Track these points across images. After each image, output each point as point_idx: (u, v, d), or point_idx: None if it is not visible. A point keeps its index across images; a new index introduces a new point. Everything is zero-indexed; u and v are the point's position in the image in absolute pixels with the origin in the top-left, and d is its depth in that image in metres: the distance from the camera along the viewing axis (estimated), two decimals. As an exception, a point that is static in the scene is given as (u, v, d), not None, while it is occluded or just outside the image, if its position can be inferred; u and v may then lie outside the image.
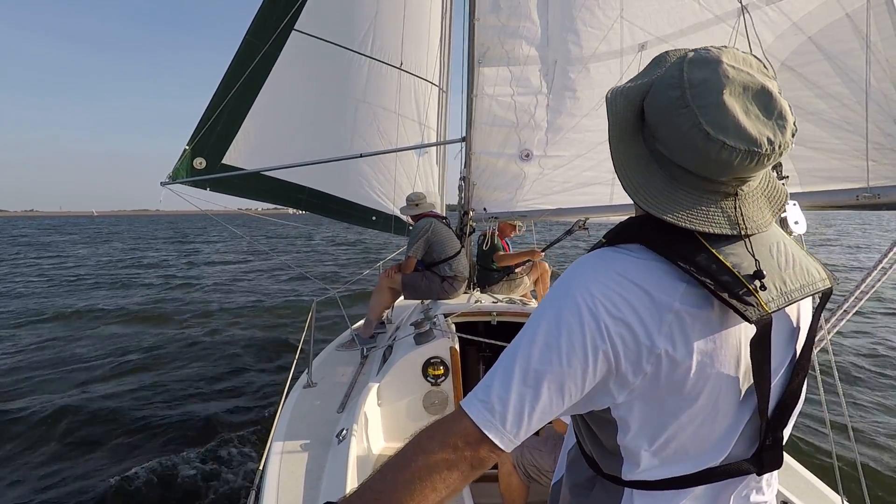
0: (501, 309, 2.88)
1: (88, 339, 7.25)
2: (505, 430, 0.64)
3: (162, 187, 3.74)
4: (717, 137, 0.60)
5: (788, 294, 0.67)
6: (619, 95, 0.70)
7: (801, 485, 1.76)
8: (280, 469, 1.92)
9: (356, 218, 4.73)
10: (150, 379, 5.42)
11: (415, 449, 0.67)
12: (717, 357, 0.65)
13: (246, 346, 6.76)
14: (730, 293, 0.63)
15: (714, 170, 0.64)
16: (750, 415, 0.70)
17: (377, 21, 4.39)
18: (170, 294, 11.19)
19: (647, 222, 0.70)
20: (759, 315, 0.63)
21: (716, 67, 0.62)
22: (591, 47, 2.89)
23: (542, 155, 3.40)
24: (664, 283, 0.65)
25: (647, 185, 0.69)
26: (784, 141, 0.62)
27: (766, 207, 0.70)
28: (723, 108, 0.60)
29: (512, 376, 0.65)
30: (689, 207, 0.66)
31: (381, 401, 2.33)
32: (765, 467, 0.71)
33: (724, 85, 0.61)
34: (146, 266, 16.99)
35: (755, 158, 0.61)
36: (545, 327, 0.65)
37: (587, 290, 0.65)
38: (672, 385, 0.65)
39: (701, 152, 0.62)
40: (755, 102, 0.62)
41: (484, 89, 3.41)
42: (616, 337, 0.63)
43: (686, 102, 0.62)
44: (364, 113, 4.55)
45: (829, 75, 2.14)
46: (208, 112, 3.72)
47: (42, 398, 4.88)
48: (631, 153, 0.71)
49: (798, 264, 0.71)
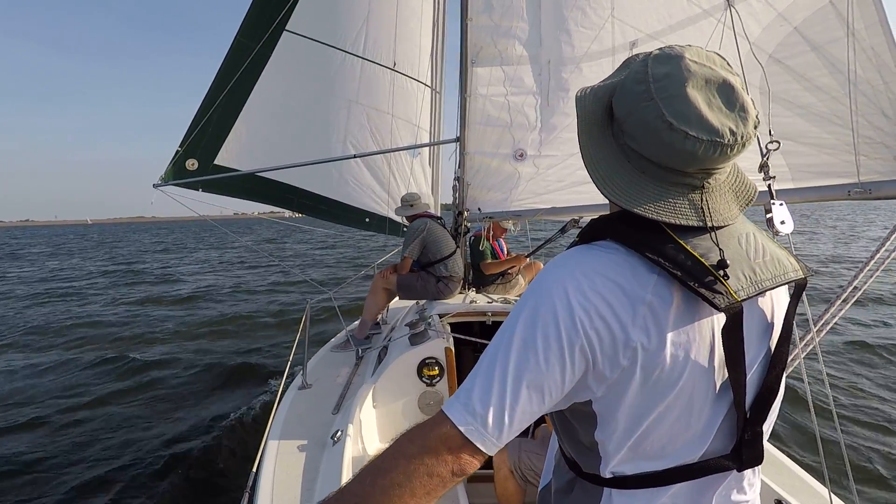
0: (496, 309, 2.88)
1: (84, 340, 7.19)
2: (486, 432, 0.64)
3: (155, 189, 3.72)
4: (679, 128, 0.62)
5: (759, 283, 0.68)
6: (589, 94, 0.73)
7: (796, 483, 1.77)
8: (274, 471, 1.91)
9: (349, 220, 4.72)
10: (143, 381, 5.38)
11: (395, 453, 0.66)
12: (691, 348, 0.66)
13: (240, 347, 6.73)
14: (698, 282, 0.64)
15: (679, 161, 0.65)
16: (727, 409, 0.70)
17: (369, 21, 4.37)
18: (167, 294, 11.11)
19: (618, 218, 0.71)
20: (727, 303, 0.64)
21: (678, 62, 0.65)
22: (583, 47, 2.90)
23: (537, 154, 3.41)
24: (636, 276, 0.65)
25: (615, 177, 0.70)
26: (746, 132, 0.64)
27: (734, 201, 0.72)
28: (686, 100, 0.63)
29: (492, 378, 0.65)
30: (656, 199, 0.68)
31: (377, 402, 2.32)
32: (744, 463, 0.71)
33: (686, 78, 0.64)
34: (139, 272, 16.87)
35: (718, 149, 0.63)
36: (521, 327, 0.66)
37: (561, 287, 0.65)
38: (648, 378, 0.65)
39: (665, 143, 0.64)
40: (717, 95, 0.64)
41: (477, 89, 3.40)
42: (591, 331, 0.64)
43: (651, 95, 0.64)
44: (357, 114, 4.54)
45: (817, 67, 2.10)
46: (200, 113, 3.70)
47: (42, 398, 4.83)
48: (600, 148, 0.73)
49: (769, 254, 0.72)
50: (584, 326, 0.63)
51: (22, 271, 18.92)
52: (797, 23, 2.13)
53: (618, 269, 0.66)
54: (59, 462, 3.74)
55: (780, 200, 1.40)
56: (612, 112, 0.72)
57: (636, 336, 0.64)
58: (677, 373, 0.66)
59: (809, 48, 2.11)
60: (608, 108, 0.72)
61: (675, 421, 0.68)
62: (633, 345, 0.64)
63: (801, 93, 2.16)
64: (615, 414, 0.68)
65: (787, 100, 2.18)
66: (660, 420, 0.68)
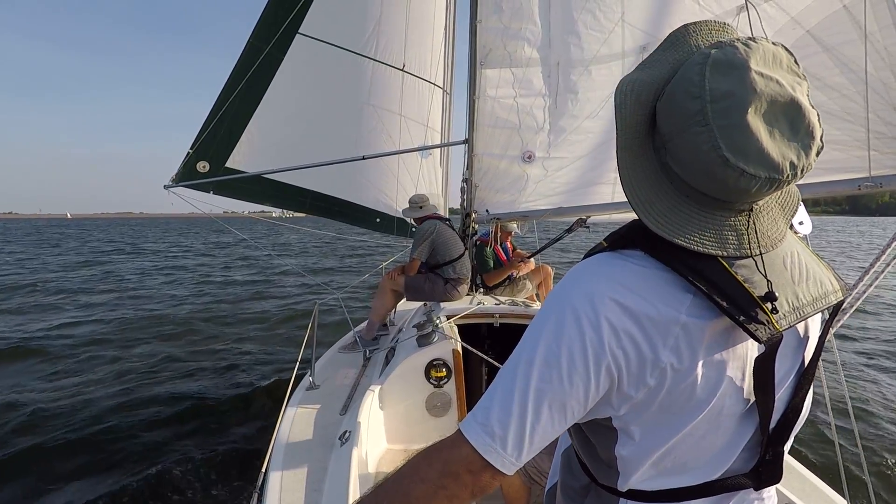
0: (504, 311, 2.88)
1: (82, 340, 7.30)
2: (506, 453, 0.61)
3: (166, 190, 3.77)
4: (736, 165, 0.55)
5: (800, 310, 0.64)
6: (630, 95, 0.63)
7: (807, 488, 1.75)
8: (282, 471, 1.93)
9: (360, 220, 4.74)
10: (150, 381, 5.45)
11: (412, 475, 0.64)
12: (722, 371, 0.63)
13: (248, 348, 6.79)
14: (740, 311, 0.59)
15: (729, 195, 0.60)
16: (753, 430, 0.68)
17: (381, 24, 4.40)
18: (177, 292, 11.24)
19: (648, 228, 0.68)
20: (769, 335, 0.60)
21: (743, 76, 0.55)
22: (592, 50, 2.90)
23: (545, 156, 3.40)
24: (669, 294, 0.61)
25: (656, 203, 0.64)
26: (807, 164, 0.58)
27: (781, 217, 0.67)
28: (746, 131, 0.55)
29: (512, 397, 0.62)
30: (700, 229, 0.62)
31: (384, 403, 2.33)
32: (763, 482, 0.69)
33: (749, 102, 0.55)
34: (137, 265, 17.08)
35: (775, 184, 0.57)
36: (545, 342, 0.62)
37: (588, 301, 0.61)
38: (675, 398, 0.62)
39: (717, 178, 0.58)
40: (782, 119, 0.57)
41: (486, 91, 3.41)
42: (619, 350, 0.60)
43: (706, 120, 0.56)
44: (368, 115, 4.57)
45: (829, 67, 2.13)
46: (212, 115, 3.74)
47: (42, 399, 4.91)
48: (638, 165, 0.65)
49: (812, 276, 0.68)
50: (611, 346, 0.60)
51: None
52: (810, 26, 2.15)
53: (650, 286, 0.62)
54: (59, 456, 3.79)
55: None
56: (653, 116, 0.64)
57: (666, 357, 0.60)
58: (706, 395, 0.62)
59: (822, 49, 2.14)
60: (651, 113, 0.64)
61: (700, 440, 0.66)
62: (662, 365, 0.60)
63: (812, 92, 2.16)
64: (638, 432, 0.66)
65: None
66: (684, 440, 0.65)
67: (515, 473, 1.82)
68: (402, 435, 2.33)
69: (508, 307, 2.99)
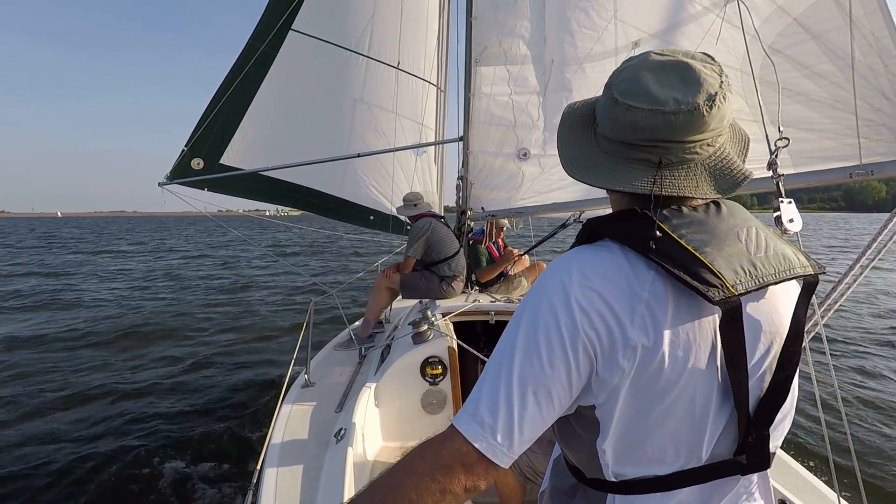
0: (499, 308, 2.88)
1: (79, 340, 7.25)
2: (497, 442, 0.62)
3: (160, 188, 3.74)
4: (622, 101, 0.68)
5: (760, 278, 0.66)
6: (580, 100, 0.82)
7: (800, 483, 1.76)
8: (277, 469, 1.93)
9: (354, 217, 4.73)
10: (145, 379, 5.42)
11: (406, 470, 0.65)
12: (691, 347, 0.64)
13: (243, 345, 6.77)
14: (692, 275, 0.62)
15: (626, 132, 0.69)
16: (731, 411, 0.68)
17: (374, 21, 4.38)
18: (170, 292, 11.19)
19: (614, 217, 0.72)
20: (723, 296, 0.62)
21: (642, 56, 0.72)
22: (586, 48, 2.90)
23: (541, 154, 3.41)
24: (634, 274, 0.65)
25: (582, 157, 0.76)
26: (692, 102, 0.65)
27: (708, 181, 0.70)
28: (635, 81, 0.68)
29: (498, 387, 0.64)
30: (614, 173, 0.72)
31: (379, 400, 2.33)
32: (748, 467, 0.69)
33: (642, 65, 0.70)
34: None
35: (659, 117, 0.66)
36: (523, 331, 0.65)
37: (560, 289, 0.65)
38: (649, 379, 0.64)
39: (613, 118, 0.70)
40: (673, 74, 0.68)
41: (481, 88, 3.41)
42: (591, 331, 0.63)
43: (609, 84, 0.72)
44: (362, 112, 4.55)
45: (816, 55, 2.12)
46: (206, 112, 3.72)
47: (42, 383, 4.88)
48: (576, 138, 0.79)
49: (773, 250, 0.70)
50: (584, 326, 0.63)
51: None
52: (797, 14, 2.15)
53: (616, 268, 0.65)
54: (56, 458, 3.77)
55: (789, 199, 1.39)
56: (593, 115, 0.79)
57: (635, 336, 0.63)
58: (677, 373, 0.64)
59: (809, 37, 2.13)
60: (592, 111, 0.79)
61: (678, 423, 0.66)
62: (632, 344, 0.63)
63: (800, 80, 2.18)
64: (617, 417, 0.67)
65: (787, 88, 2.20)
66: (661, 421, 0.66)
67: (510, 471, 1.84)
68: (397, 432, 2.33)
69: (504, 304, 3.00)
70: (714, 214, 0.71)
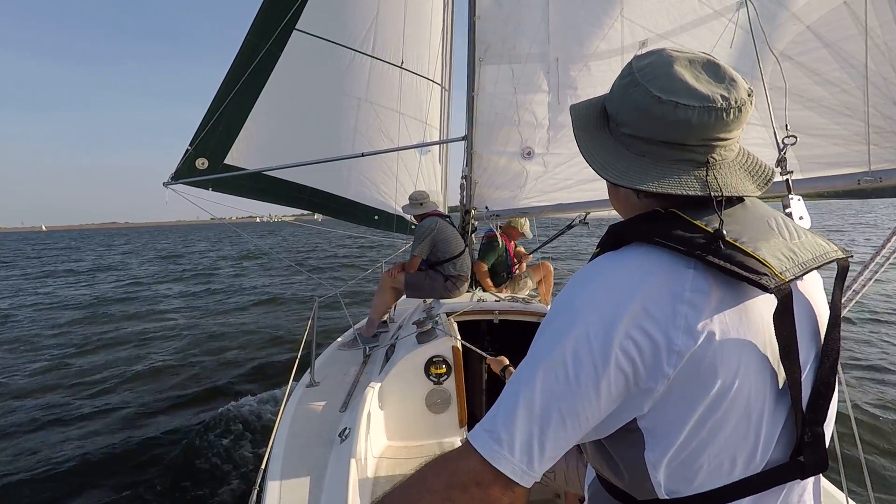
0: (504, 307, 2.87)
1: (76, 338, 7.29)
2: (514, 458, 0.58)
3: (165, 188, 3.75)
4: (668, 99, 0.63)
5: (803, 264, 0.64)
6: (582, 101, 0.78)
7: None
8: (282, 468, 1.93)
9: (358, 217, 4.73)
10: (151, 380, 5.45)
11: (419, 486, 0.62)
12: (740, 344, 0.60)
13: (247, 346, 6.79)
14: (740, 265, 0.59)
15: (676, 132, 0.65)
16: (786, 411, 0.64)
17: (378, 20, 4.38)
18: (177, 294, 11.23)
19: (640, 219, 0.68)
20: (776, 283, 0.59)
21: (660, 53, 0.68)
22: (591, 45, 2.88)
23: (545, 152, 3.39)
24: (672, 275, 0.60)
25: (614, 162, 0.70)
26: (739, 97, 0.64)
27: (747, 178, 0.69)
28: (671, 77, 0.64)
29: (517, 401, 0.60)
30: (660, 177, 0.66)
31: (384, 400, 2.33)
32: (807, 469, 0.64)
33: (670, 61, 0.66)
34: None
35: (712, 114, 0.62)
36: (549, 343, 0.61)
37: (591, 298, 0.61)
38: (698, 384, 0.59)
39: (658, 118, 0.64)
40: (704, 71, 0.66)
41: (485, 87, 3.40)
42: (628, 342, 0.58)
43: (636, 81, 0.66)
44: (366, 112, 4.55)
45: (828, 62, 2.14)
46: (210, 112, 3.73)
47: (43, 401, 4.91)
48: (596, 140, 0.74)
49: (804, 236, 0.69)
50: (619, 340, 0.58)
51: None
52: (810, 21, 2.16)
53: (650, 271, 0.61)
54: (60, 458, 3.79)
55: (798, 196, 1.38)
56: (606, 114, 0.74)
57: (680, 339, 0.58)
58: (730, 373, 0.59)
59: (822, 45, 2.15)
60: (602, 110, 0.75)
61: (733, 429, 0.61)
62: (676, 349, 0.58)
63: (811, 87, 2.20)
64: (666, 429, 0.62)
65: (797, 94, 2.22)
66: (717, 429, 0.61)
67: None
68: (401, 432, 2.33)
69: (508, 304, 2.99)
70: (740, 207, 0.69)
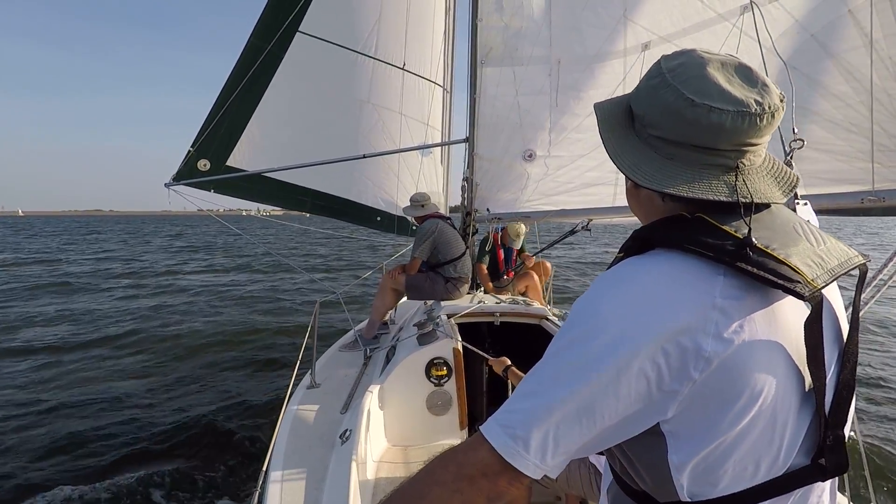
0: (505, 309, 2.87)
1: (75, 339, 7.30)
2: (528, 455, 0.58)
3: (167, 188, 3.76)
4: (702, 103, 0.61)
5: (831, 270, 0.63)
6: (606, 101, 0.75)
7: None
8: (283, 470, 1.93)
9: (360, 218, 4.74)
10: (152, 380, 5.45)
11: (427, 479, 0.62)
12: (770, 350, 0.60)
13: (248, 347, 6.79)
14: (773, 272, 0.58)
15: (708, 137, 0.63)
16: (811, 414, 0.64)
17: (381, 22, 4.39)
18: (170, 296, 11.24)
19: (664, 224, 0.66)
20: (809, 291, 0.58)
21: (690, 54, 0.66)
22: (594, 47, 2.88)
23: (546, 155, 3.40)
24: (701, 281, 0.59)
25: (642, 164, 0.68)
26: (773, 102, 0.62)
27: (775, 185, 0.68)
28: (705, 79, 0.63)
29: (535, 398, 0.60)
30: (689, 181, 0.64)
31: (385, 401, 2.33)
32: (829, 472, 0.64)
33: (702, 63, 0.64)
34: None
35: (746, 119, 0.61)
36: (569, 342, 0.61)
37: (621, 312, 0.60)
38: (728, 389, 0.59)
39: (690, 121, 0.63)
40: (737, 74, 0.64)
41: (487, 89, 3.40)
42: (660, 354, 0.57)
43: (667, 83, 0.64)
44: (368, 114, 4.56)
45: (832, 74, 2.10)
46: (212, 114, 3.73)
47: (44, 399, 4.91)
48: (623, 141, 0.71)
49: (829, 241, 0.68)
50: (648, 351, 0.57)
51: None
52: (815, 30, 2.12)
53: (680, 279, 0.60)
54: (63, 457, 3.80)
55: (805, 200, 1.38)
56: (631, 114, 0.72)
57: (708, 345, 0.57)
58: (759, 380, 0.59)
59: (826, 55, 2.10)
60: (627, 110, 0.72)
61: (760, 434, 0.61)
62: (706, 355, 0.57)
63: (815, 99, 2.15)
64: (692, 433, 0.61)
65: (801, 106, 2.16)
66: (743, 434, 0.60)
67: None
68: (402, 434, 2.33)
69: (509, 306, 2.99)
70: (767, 213, 0.67)
